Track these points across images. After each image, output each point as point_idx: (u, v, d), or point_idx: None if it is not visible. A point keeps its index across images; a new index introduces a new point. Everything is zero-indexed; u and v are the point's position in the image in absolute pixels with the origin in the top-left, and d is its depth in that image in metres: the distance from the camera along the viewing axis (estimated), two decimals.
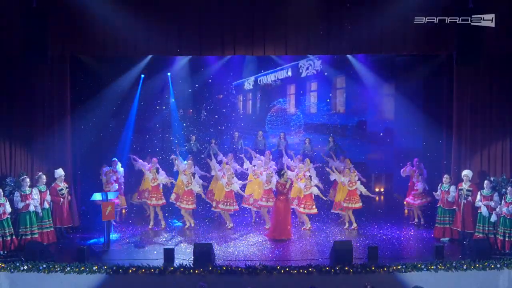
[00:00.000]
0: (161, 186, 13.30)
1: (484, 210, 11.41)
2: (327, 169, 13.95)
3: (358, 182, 13.06)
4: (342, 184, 13.24)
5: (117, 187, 13.22)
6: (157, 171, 13.38)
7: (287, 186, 12.32)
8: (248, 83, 18.01)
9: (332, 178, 13.74)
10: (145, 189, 13.76)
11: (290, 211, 12.59)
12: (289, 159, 14.46)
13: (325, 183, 14.09)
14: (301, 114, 17.59)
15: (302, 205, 13.00)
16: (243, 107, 18.29)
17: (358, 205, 13.02)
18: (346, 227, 13.14)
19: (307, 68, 17.36)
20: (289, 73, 17.64)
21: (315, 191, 12.88)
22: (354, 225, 13.06)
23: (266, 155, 14.21)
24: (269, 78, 17.85)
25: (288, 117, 17.63)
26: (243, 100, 18.40)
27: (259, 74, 17.64)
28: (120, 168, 13.91)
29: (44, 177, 11.96)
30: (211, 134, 16.47)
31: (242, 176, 14.11)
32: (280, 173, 12.43)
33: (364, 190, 12.99)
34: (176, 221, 13.62)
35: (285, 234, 12.20)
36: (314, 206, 12.99)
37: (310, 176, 13.14)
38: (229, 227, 13.16)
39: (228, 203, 13.01)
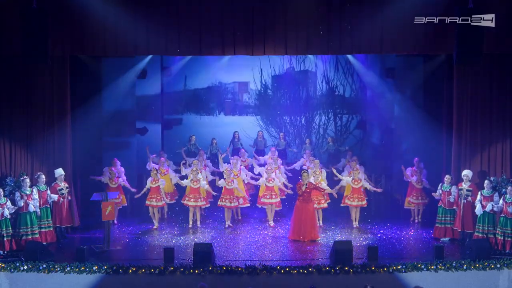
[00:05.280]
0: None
1: (478, 208, 11.42)
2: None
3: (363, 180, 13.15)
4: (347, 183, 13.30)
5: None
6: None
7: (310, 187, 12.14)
8: None
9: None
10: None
11: (314, 212, 12.36)
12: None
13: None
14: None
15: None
16: None
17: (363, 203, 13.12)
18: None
19: None
20: None
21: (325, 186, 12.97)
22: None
23: (272, 152, 14.22)
24: None
25: None
26: None
27: None
28: (120, 166, 13.87)
29: (43, 176, 11.93)
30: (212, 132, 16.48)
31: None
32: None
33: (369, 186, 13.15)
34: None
35: (311, 235, 12.05)
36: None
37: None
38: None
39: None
